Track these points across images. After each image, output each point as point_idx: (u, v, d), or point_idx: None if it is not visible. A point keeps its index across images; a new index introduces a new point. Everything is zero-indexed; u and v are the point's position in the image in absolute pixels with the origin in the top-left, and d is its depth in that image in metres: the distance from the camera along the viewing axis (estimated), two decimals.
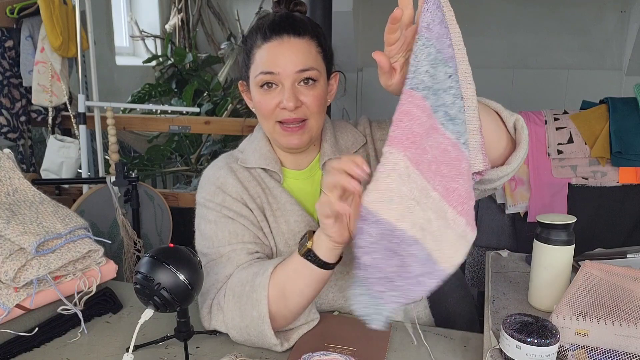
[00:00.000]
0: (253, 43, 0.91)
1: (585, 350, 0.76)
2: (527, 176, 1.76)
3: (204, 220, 0.96)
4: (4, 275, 0.85)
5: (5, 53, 2.16)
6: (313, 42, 0.90)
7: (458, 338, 0.91)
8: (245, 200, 0.95)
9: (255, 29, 0.91)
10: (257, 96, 0.92)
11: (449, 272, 0.66)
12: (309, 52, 0.89)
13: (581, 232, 0.99)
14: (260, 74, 0.89)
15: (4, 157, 1.02)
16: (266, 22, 0.90)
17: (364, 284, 0.63)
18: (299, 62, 0.88)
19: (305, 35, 0.89)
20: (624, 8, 3.46)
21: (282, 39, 0.88)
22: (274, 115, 0.91)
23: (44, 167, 2.24)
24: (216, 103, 3.12)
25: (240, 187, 0.95)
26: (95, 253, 0.99)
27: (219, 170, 0.98)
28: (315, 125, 0.93)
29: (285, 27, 0.89)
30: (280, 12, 0.93)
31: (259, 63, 0.89)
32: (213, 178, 0.97)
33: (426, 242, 0.62)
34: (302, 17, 0.93)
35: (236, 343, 0.88)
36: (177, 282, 0.74)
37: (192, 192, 2.47)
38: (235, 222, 0.93)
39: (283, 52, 0.88)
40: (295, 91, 0.89)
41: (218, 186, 0.96)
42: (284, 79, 0.88)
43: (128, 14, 3.96)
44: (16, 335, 0.87)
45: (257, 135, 1.01)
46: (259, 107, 0.92)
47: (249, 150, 1.00)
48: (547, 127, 1.75)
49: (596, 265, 0.85)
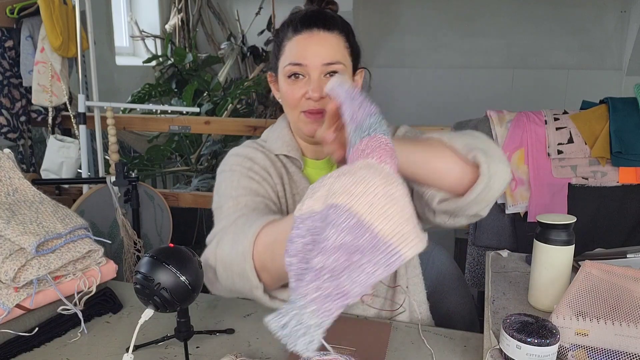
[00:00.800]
0: (284, 35, 0.95)
1: (585, 350, 0.76)
2: (527, 176, 1.76)
3: (226, 181, 0.96)
4: (4, 275, 0.85)
5: (5, 53, 2.16)
6: (342, 38, 0.94)
7: (458, 338, 0.91)
8: (271, 174, 0.98)
9: (287, 22, 0.95)
10: (284, 86, 0.95)
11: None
12: (337, 46, 0.93)
13: (581, 232, 0.99)
14: (288, 65, 0.93)
15: (4, 157, 1.02)
16: (298, 16, 0.94)
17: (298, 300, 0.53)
18: (326, 55, 0.91)
19: (335, 30, 0.93)
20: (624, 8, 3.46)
21: (312, 32, 0.92)
22: (300, 105, 0.94)
23: (44, 167, 2.24)
24: (216, 103, 3.12)
25: (268, 162, 0.99)
26: (95, 253, 0.99)
27: (247, 148, 1.02)
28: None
29: (316, 21, 0.92)
30: (312, 8, 0.97)
31: (289, 54, 0.93)
32: (242, 152, 1.01)
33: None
34: (333, 13, 0.96)
35: (236, 343, 0.88)
36: (177, 282, 0.74)
37: (192, 192, 2.47)
38: (259, 184, 0.95)
39: (312, 45, 0.91)
40: (321, 83, 0.92)
41: (247, 157, 0.99)
42: (311, 71, 0.91)
43: (128, 14, 3.96)
44: (16, 335, 0.87)
45: (280, 124, 1.05)
46: (286, 97, 0.95)
47: (272, 138, 1.04)
48: (547, 127, 1.75)
49: (596, 265, 0.85)
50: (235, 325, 0.94)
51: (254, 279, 0.74)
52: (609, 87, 3.50)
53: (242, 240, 0.76)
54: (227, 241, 0.79)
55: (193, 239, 2.76)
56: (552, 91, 3.69)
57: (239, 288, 0.77)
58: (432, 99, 4.10)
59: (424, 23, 4.00)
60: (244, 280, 0.75)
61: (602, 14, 3.52)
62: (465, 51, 3.96)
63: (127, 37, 3.99)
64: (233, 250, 0.77)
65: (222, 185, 0.96)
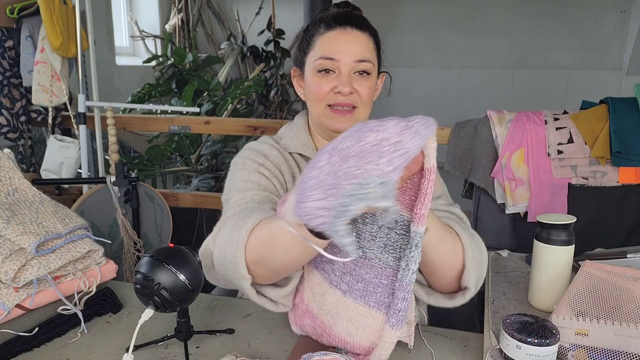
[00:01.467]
0: (315, 31, 0.96)
1: (585, 350, 0.76)
2: (527, 176, 1.76)
3: (237, 173, 0.97)
4: (4, 275, 0.85)
5: (5, 53, 2.16)
6: (371, 39, 0.96)
7: (458, 338, 0.91)
8: (283, 172, 0.99)
9: (319, 20, 0.97)
10: (312, 80, 0.96)
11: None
12: (367, 45, 0.95)
13: (581, 232, 0.99)
14: (320, 59, 0.94)
15: (4, 157, 1.02)
16: (331, 14, 0.96)
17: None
18: (358, 52, 0.93)
19: (366, 31, 0.95)
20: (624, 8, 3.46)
21: (345, 29, 0.94)
22: (327, 98, 0.95)
23: (44, 167, 2.24)
24: (216, 103, 3.12)
25: (282, 160, 1.00)
26: (95, 253, 0.99)
27: (262, 144, 1.03)
28: (363, 116, 0.98)
29: (349, 20, 0.94)
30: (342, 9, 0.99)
31: (320, 49, 0.95)
32: (257, 148, 1.02)
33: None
34: (363, 16, 0.99)
35: (236, 343, 0.88)
36: (177, 282, 0.74)
37: (192, 192, 2.47)
38: (268, 180, 0.95)
39: (345, 41, 0.93)
40: (351, 79, 0.94)
41: (260, 152, 1.00)
42: (342, 66, 0.93)
43: (128, 14, 3.96)
44: (16, 335, 0.87)
45: (297, 123, 1.06)
46: (313, 90, 0.96)
47: (288, 136, 1.04)
48: (547, 127, 1.75)
49: (596, 265, 0.85)
50: (235, 325, 0.94)
51: (242, 269, 0.74)
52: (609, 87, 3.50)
53: (239, 228, 0.76)
54: (227, 229, 0.80)
55: (193, 239, 2.76)
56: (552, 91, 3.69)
57: (230, 276, 0.78)
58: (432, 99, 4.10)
59: (424, 23, 4.00)
60: (234, 267, 0.76)
61: (602, 14, 3.52)
62: (465, 51, 3.96)
63: (127, 37, 3.99)
64: (230, 237, 0.77)
65: (232, 178, 0.97)
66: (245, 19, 4.10)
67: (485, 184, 1.81)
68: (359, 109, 0.96)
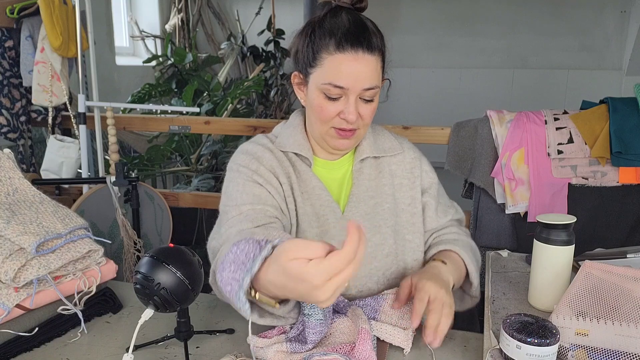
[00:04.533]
0: (323, 45, 0.91)
1: (585, 350, 0.76)
2: (527, 176, 1.76)
3: (232, 182, 0.98)
4: (4, 275, 0.85)
5: (5, 53, 2.16)
6: (380, 58, 0.94)
7: (458, 338, 0.91)
8: (278, 174, 0.99)
9: (329, 32, 0.91)
10: (317, 100, 0.94)
11: None
12: (376, 69, 0.93)
13: (581, 232, 0.99)
14: (328, 84, 0.91)
15: (4, 157, 1.02)
16: (342, 29, 0.91)
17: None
18: (367, 80, 0.91)
19: (376, 51, 0.92)
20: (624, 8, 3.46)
21: (357, 55, 0.90)
22: (332, 122, 0.95)
23: (44, 167, 2.24)
24: (216, 103, 3.12)
25: (276, 162, 1.00)
26: (95, 253, 0.99)
27: (256, 145, 1.02)
28: (363, 134, 1.00)
29: (361, 41, 0.90)
30: (352, 15, 0.93)
31: (329, 72, 0.91)
32: (251, 150, 1.01)
33: None
34: (373, 28, 0.94)
35: (236, 343, 0.88)
36: (177, 282, 0.74)
37: (192, 192, 2.47)
38: (262, 188, 0.96)
39: (356, 68, 0.90)
40: (358, 105, 0.93)
41: (254, 156, 1.00)
42: (350, 94, 0.92)
43: (128, 14, 3.96)
44: (16, 335, 0.87)
45: (293, 122, 1.06)
46: (319, 112, 0.95)
47: (284, 135, 1.04)
48: (547, 127, 1.75)
49: (596, 265, 0.85)
50: (235, 325, 0.94)
51: (246, 311, 0.73)
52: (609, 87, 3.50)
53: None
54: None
55: (193, 239, 2.76)
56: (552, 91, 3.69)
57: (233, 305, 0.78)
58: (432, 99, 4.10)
59: (424, 23, 4.00)
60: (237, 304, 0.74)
61: (602, 14, 3.52)
62: (465, 51, 3.96)
63: (127, 37, 3.99)
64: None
65: (229, 187, 0.98)
66: (245, 19, 4.10)
67: (485, 184, 1.81)
68: (361, 130, 0.97)
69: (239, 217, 0.92)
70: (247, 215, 0.91)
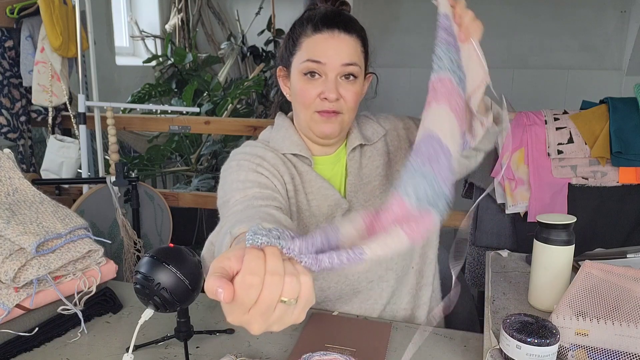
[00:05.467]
0: (302, 32, 0.95)
1: (585, 350, 0.76)
2: (527, 176, 1.76)
3: (233, 174, 0.93)
4: (4, 275, 0.85)
5: (5, 53, 2.16)
6: (359, 42, 0.95)
7: (458, 338, 0.91)
8: (282, 173, 0.97)
9: (306, 19, 0.95)
10: (298, 84, 0.95)
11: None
12: (355, 49, 0.94)
13: (581, 232, 0.99)
14: (307, 61, 0.92)
15: (4, 157, 1.02)
16: (318, 14, 0.94)
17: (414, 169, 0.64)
18: (345, 56, 0.92)
19: (354, 34, 0.94)
20: (624, 8, 3.46)
21: (333, 33, 0.92)
22: (314, 104, 0.94)
23: (44, 167, 2.24)
24: (216, 103, 3.12)
25: (279, 161, 0.98)
26: (95, 253, 0.99)
27: (255, 147, 1.01)
28: (347, 120, 0.97)
29: (337, 22, 0.93)
30: (330, 7, 0.97)
31: (307, 51, 0.93)
32: (250, 151, 0.99)
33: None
34: (351, 16, 0.97)
35: (236, 343, 0.88)
36: (177, 282, 0.74)
37: (192, 192, 2.47)
38: (268, 180, 0.94)
39: (332, 45, 0.92)
40: (337, 84, 0.93)
41: (256, 154, 0.98)
42: (329, 70, 0.92)
43: (128, 14, 3.96)
44: (16, 335, 0.87)
45: (283, 125, 1.05)
46: (300, 95, 0.95)
47: (277, 139, 1.03)
48: (547, 127, 1.75)
49: (596, 265, 0.85)
50: (235, 325, 0.94)
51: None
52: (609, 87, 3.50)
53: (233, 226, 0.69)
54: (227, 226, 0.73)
55: (193, 239, 2.76)
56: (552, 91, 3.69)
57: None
58: None
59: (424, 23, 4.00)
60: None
61: (602, 14, 3.52)
62: None
63: (127, 37, 3.99)
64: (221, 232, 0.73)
65: (227, 180, 0.93)
66: (245, 19, 4.10)
67: (485, 184, 1.81)
68: (344, 114, 0.96)
69: (244, 198, 0.86)
70: (255, 196, 0.86)
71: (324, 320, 0.94)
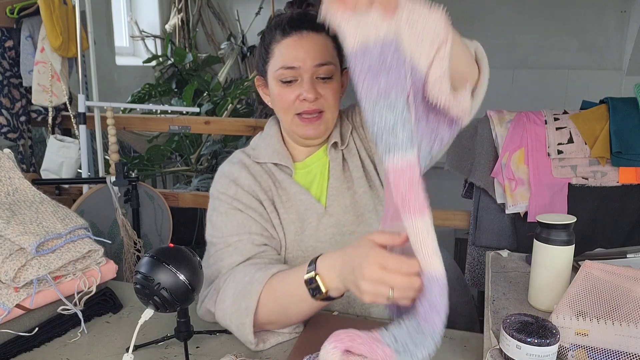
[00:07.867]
0: (272, 38, 0.95)
1: (585, 350, 0.76)
2: (527, 176, 1.76)
3: (215, 212, 0.99)
4: (4, 275, 0.85)
5: (5, 53, 2.16)
6: (329, 38, 0.94)
7: (458, 338, 0.91)
8: (257, 193, 0.98)
9: (274, 26, 0.95)
10: (276, 89, 0.95)
11: None
12: (325, 47, 0.93)
13: (581, 232, 0.99)
14: (280, 69, 0.93)
15: (4, 157, 1.02)
16: (285, 19, 0.94)
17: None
18: (317, 56, 0.92)
19: (322, 32, 0.93)
20: (624, 8, 3.46)
21: (301, 34, 0.92)
22: (294, 107, 0.95)
23: (44, 167, 2.24)
24: (216, 103, 3.12)
25: (253, 180, 0.99)
26: (95, 253, 0.99)
27: (233, 166, 1.02)
28: (331, 118, 0.98)
29: (304, 23, 0.93)
30: (296, 10, 0.97)
31: (279, 58, 0.93)
32: (227, 172, 1.01)
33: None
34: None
35: (236, 343, 0.88)
36: (177, 282, 0.74)
37: (192, 192, 2.47)
38: (244, 214, 0.96)
39: (302, 47, 0.92)
40: (314, 84, 0.93)
41: (231, 179, 0.99)
42: (303, 73, 0.92)
43: (128, 14, 3.96)
44: (16, 335, 0.87)
45: (269, 132, 1.05)
46: (279, 100, 0.96)
47: (261, 146, 1.04)
48: (547, 127, 1.75)
49: (596, 265, 0.85)
50: None
51: (250, 336, 0.82)
52: (609, 87, 3.50)
53: (245, 296, 0.83)
54: (227, 293, 0.86)
55: (193, 239, 2.76)
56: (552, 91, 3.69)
57: (234, 333, 0.86)
58: None
59: None
60: (241, 331, 0.84)
61: (602, 14, 3.51)
62: None
63: (127, 37, 3.99)
64: (235, 304, 0.84)
65: (212, 215, 0.99)
66: (245, 19, 4.10)
67: (485, 184, 1.81)
68: (327, 112, 0.96)
69: (227, 249, 0.93)
70: (236, 247, 0.93)
71: (324, 320, 0.94)
